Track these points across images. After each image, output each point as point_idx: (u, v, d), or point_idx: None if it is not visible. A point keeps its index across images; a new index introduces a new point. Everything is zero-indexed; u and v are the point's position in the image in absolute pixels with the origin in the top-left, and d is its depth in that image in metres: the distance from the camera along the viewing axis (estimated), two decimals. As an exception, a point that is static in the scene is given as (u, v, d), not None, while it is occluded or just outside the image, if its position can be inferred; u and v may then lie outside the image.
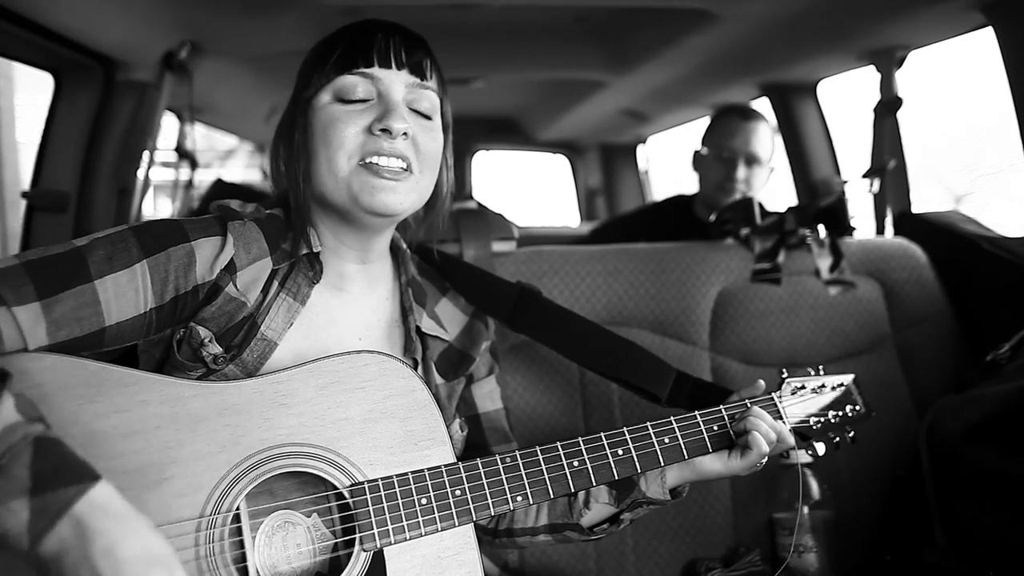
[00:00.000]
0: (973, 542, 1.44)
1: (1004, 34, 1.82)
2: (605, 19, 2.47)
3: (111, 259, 0.95)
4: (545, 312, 1.33)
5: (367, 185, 1.04)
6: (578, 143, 4.47)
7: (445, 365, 1.22)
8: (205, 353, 1.03)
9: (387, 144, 1.04)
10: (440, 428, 1.06)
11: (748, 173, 2.37)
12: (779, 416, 1.22)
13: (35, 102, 4.37)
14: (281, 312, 1.07)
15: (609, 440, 1.12)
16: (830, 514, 1.54)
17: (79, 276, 0.93)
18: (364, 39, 1.07)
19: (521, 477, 1.06)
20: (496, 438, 1.29)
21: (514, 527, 1.25)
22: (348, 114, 1.05)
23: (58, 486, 0.77)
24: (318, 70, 1.07)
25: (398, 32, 1.09)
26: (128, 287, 0.96)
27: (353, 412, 1.01)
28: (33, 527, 0.76)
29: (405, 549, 1.00)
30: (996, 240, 1.88)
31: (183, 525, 0.90)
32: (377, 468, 1.01)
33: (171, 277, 0.99)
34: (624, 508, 1.20)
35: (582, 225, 4.06)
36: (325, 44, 1.10)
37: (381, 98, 1.06)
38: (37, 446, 0.79)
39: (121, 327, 0.96)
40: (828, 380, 1.29)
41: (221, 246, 1.03)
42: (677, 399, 1.32)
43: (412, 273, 1.23)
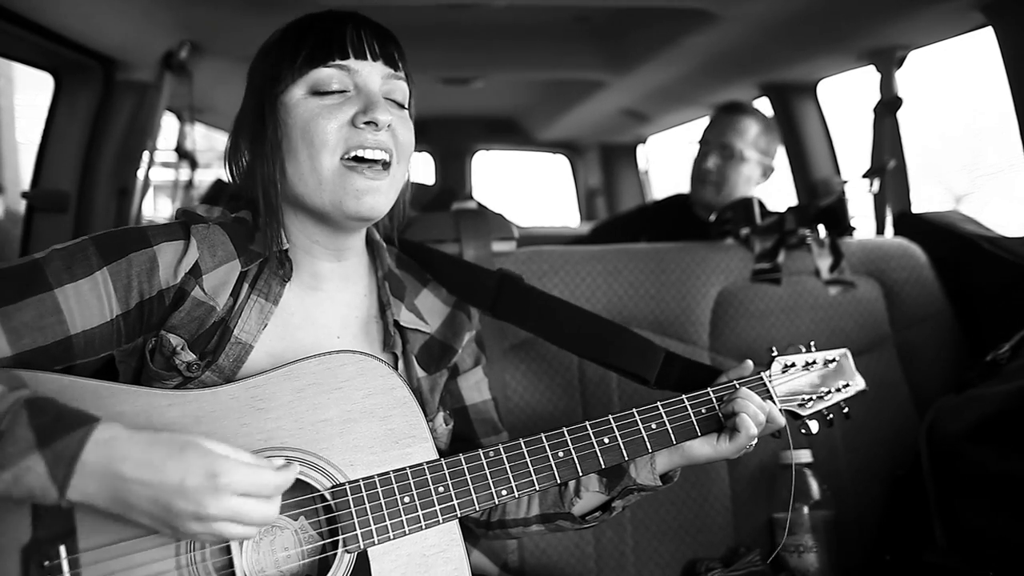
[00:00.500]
0: (973, 542, 1.44)
1: (1004, 34, 1.82)
2: (605, 19, 2.48)
3: (70, 268, 0.95)
4: (528, 298, 1.32)
5: (351, 188, 1.02)
6: (578, 143, 4.47)
7: (427, 358, 1.21)
8: (178, 361, 1.02)
9: (371, 136, 1.03)
10: (421, 425, 1.05)
11: (720, 164, 2.38)
12: (769, 396, 1.20)
13: (35, 102, 4.37)
14: (254, 314, 1.06)
15: (595, 428, 1.10)
16: (830, 514, 1.54)
17: (36, 285, 0.93)
18: (336, 30, 1.05)
19: (505, 471, 1.05)
20: (485, 429, 1.28)
21: (506, 519, 1.24)
22: (327, 108, 1.03)
23: (63, 433, 0.81)
24: (288, 63, 1.04)
25: (367, 23, 1.08)
26: (90, 295, 0.95)
27: (332, 413, 1.01)
28: (54, 476, 0.80)
29: (390, 549, 0.99)
30: (996, 240, 1.88)
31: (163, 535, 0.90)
32: (358, 468, 1.00)
33: (134, 283, 0.98)
34: (615, 495, 1.19)
35: (582, 225, 4.06)
36: (292, 37, 1.07)
37: (359, 90, 1.05)
38: (31, 406, 0.82)
39: (89, 335, 0.96)
40: (819, 356, 1.27)
41: (184, 249, 1.02)
42: (667, 380, 1.30)
43: (389, 266, 1.21)
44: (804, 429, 1.23)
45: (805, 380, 1.25)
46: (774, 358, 1.25)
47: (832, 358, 1.28)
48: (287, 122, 1.04)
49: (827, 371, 1.27)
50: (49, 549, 0.85)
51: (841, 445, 1.73)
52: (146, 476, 0.81)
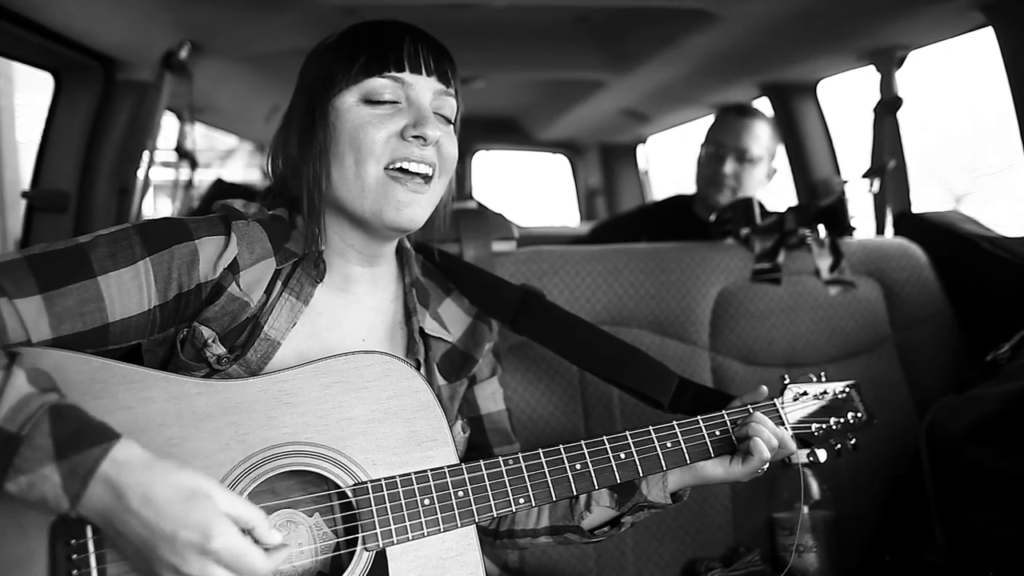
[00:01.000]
0: (973, 542, 1.44)
1: (1004, 34, 1.82)
2: (605, 19, 2.48)
3: (114, 256, 0.96)
4: (548, 315, 1.33)
5: (392, 199, 1.04)
6: (578, 143, 4.47)
7: (448, 366, 1.22)
8: (208, 354, 1.03)
9: (418, 151, 1.04)
10: (443, 429, 1.06)
11: (738, 169, 2.38)
12: (781, 421, 1.22)
13: (35, 102, 4.37)
14: (284, 312, 1.07)
15: (612, 443, 1.11)
16: (830, 514, 1.54)
17: (82, 271, 0.94)
18: (393, 42, 1.06)
19: (524, 479, 1.06)
20: (498, 439, 1.29)
21: (515, 528, 1.25)
22: (378, 118, 1.04)
23: (81, 448, 0.81)
24: (343, 69, 1.05)
25: (425, 38, 1.09)
26: (131, 284, 0.96)
27: (357, 412, 1.01)
28: (68, 489, 0.81)
29: (407, 549, 1.00)
30: (996, 240, 1.88)
31: None
32: (380, 468, 1.01)
33: (174, 275, 0.99)
34: (625, 511, 1.19)
35: (582, 225, 4.06)
36: (348, 43, 1.07)
37: (410, 103, 1.06)
38: (54, 414, 0.82)
39: (125, 324, 0.97)
40: (830, 387, 1.29)
41: (225, 245, 1.03)
42: (679, 405, 1.31)
43: (416, 274, 1.22)
44: (812, 457, 1.24)
45: (815, 409, 1.26)
46: (786, 386, 1.27)
47: (842, 389, 1.30)
48: (336, 126, 1.05)
49: (836, 401, 1.28)
50: (75, 528, 0.87)
51: (841, 445, 1.73)
52: (146, 513, 0.81)
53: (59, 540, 0.86)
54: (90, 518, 0.83)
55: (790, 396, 1.26)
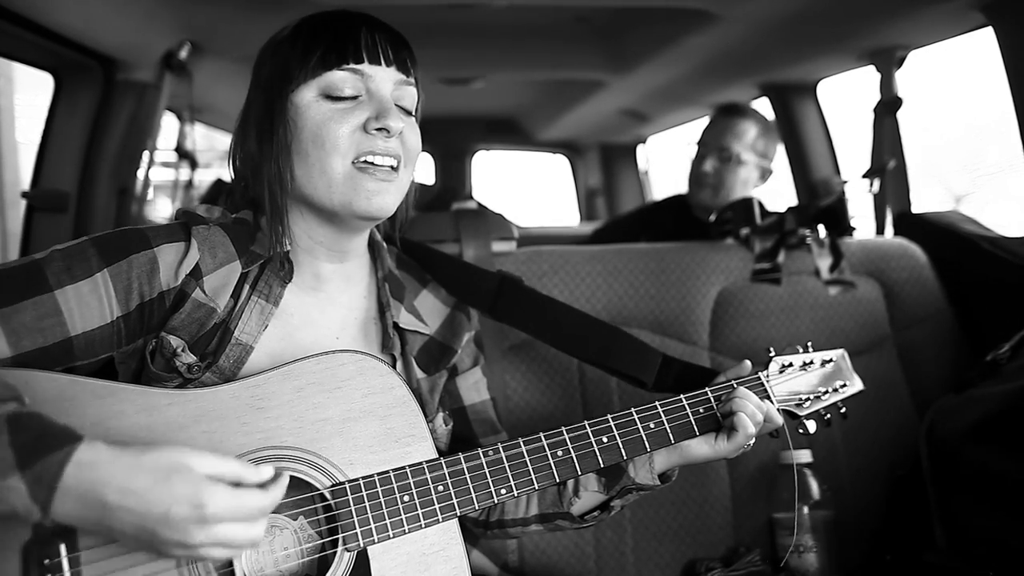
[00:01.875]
0: (973, 542, 1.44)
1: (1004, 34, 1.82)
2: (605, 19, 2.48)
3: (70, 269, 0.95)
4: (527, 300, 1.32)
5: (362, 189, 1.02)
6: (578, 143, 4.47)
7: (426, 359, 1.21)
8: (178, 363, 1.02)
9: (382, 143, 1.03)
10: (420, 424, 1.05)
11: (718, 166, 2.38)
12: (767, 395, 1.20)
13: (35, 102, 4.37)
14: (254, 315, 1.06)
15: (593, 428, 1.10)
16: (830, 514, 1.54)
17: (36, 286, 0.93)
18: (350, 33, 1.04)
19: (505, 470, 1.05)
20: (484, 429, 1.28)
21: (504, 518, 1.24)
22: (339, 112, 1.02)
23: (43, 454, 0.79)
24: (299, 63, 1.03)
25: (380, 26, 1.07)
26: (91, 296, 0.95)
27: (332, 412, 1.01)
28: (35, 497, 0.79)
29: (389, 548, 0.99)
30: (996, 240, 1.88)
31: None
32: (358, 467, 1.00)
33: (135, 284, 0.98)
34: (613, 495, 1.19)
35: (582, 225, 4.06)
36: (304, 36, 1.05)
37: (371, 96, 1.04)
38: (13, 423, 0.81)
39: (89, 337, 0.96)
40: (816, 356, 1.27)
41: (185, 251, 1.02)
42: (664, 383, 1.31)
43: (389, 267, 1.21)
44: (802, 429, 1.23)
45: (803, 380, 1.25)
46: (772, 358, 1.25)
47: (829, 358, 1.28)
48: (297, 123, 1.03)
49: (824, 371, 1.27)
50: (49, 547, 0.85)
51: (841, 445, 1.73)
52: (130, 504, 0.80)
53: (32, 560, 0.84)
54: (72, 522, 0.81)
55: (775, 368, 1.24)
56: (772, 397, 1.21)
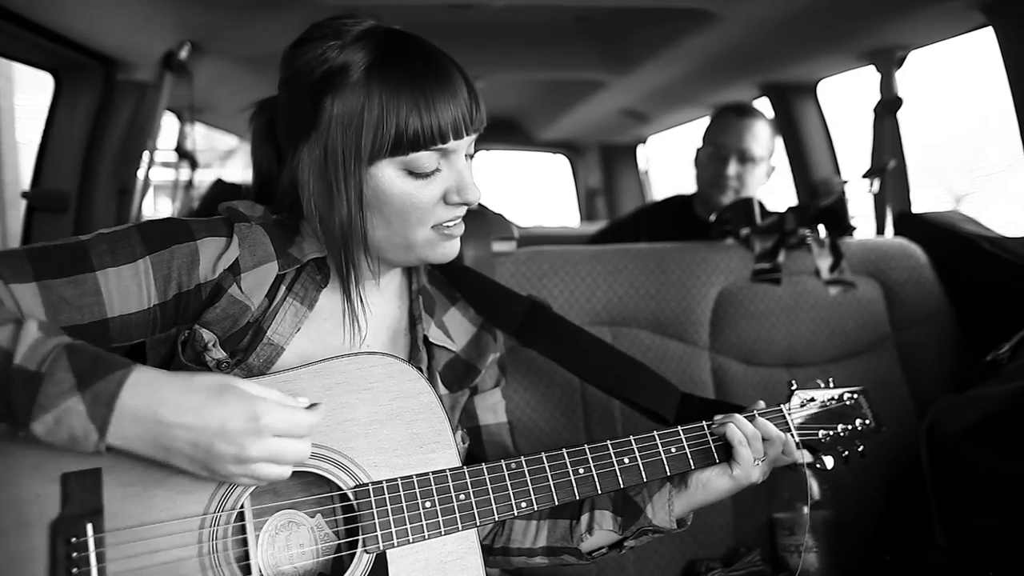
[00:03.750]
0: (973, 542, 1.44)
1: (1004, 34, 1.82)
2: (605, 19, 2.48)
3: (114, 252, 0.96)
4: (554, 328, 1.32)
5: (439, 247, 1.06)
6: (578, 143, 4.47)
7: (450, 376, 1.21)
8: (208, 358, 1.02)
9: (460, 210, 1.06)
10: (446, 432, 1.06)
11: (741, 170, 2.37)
12: (787, 427, 1.21)
13: (35, 102, 4.37)
14: (288, 317, 1.06)
15: (615, 448, 1.11)
16: (830, 514, 1.54)
17: (80, 265, 0.94)
18: (449, 112, 0.98)
19: (526, 483, 1.06)
20: (496, 452, 1.27)
21: (510, 546, 1.24)
22: (422, 188, 1.01)
23: (102, 374, 0.83)
24: (381, 135, 0.96)
25: (462, 88, 1.01)
26: (131, 281, 0.96)
27: (359, 413, 1.01)
28: (94, 417, 0.82)
29: (408, 552, 0.99)
30: (996, 240, 1.88)
31: (188, 521, 0.91)
32: (382, 470, 1.01)
33: (174, 274, 0.99)
34: (629, 535, 1.19)
35: (582, 225, 4.06)
36: (383, 98, 0.96)
37: (450, 165, 1.02)
38: (71, 350, 0.84)
39: (125, 321, 0.97)
40: (838, 392, 1.28)
41: (226, 246, 1.03)
42: (685, 419, 1.30)
43: (423, 282, 1.22)
44: (819, 464, 1.23)
45: (823, 416, 1.26)
46: (793, 392, 1.26)
47: (851, 395, 1.29)
48: (378, 196, 1.00)
49: (844, 408, 1.27)
50: (76, 526, 0.87)
51: (841, 445, 1.73)
52: (187, 420, 0.83)
53: (59, 538, 0.86)
54: (129, 447, 0.84)
55: (797, 402, 1.25)
56: (793, 430, 1.21)
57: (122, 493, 0.89)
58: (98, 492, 0.89)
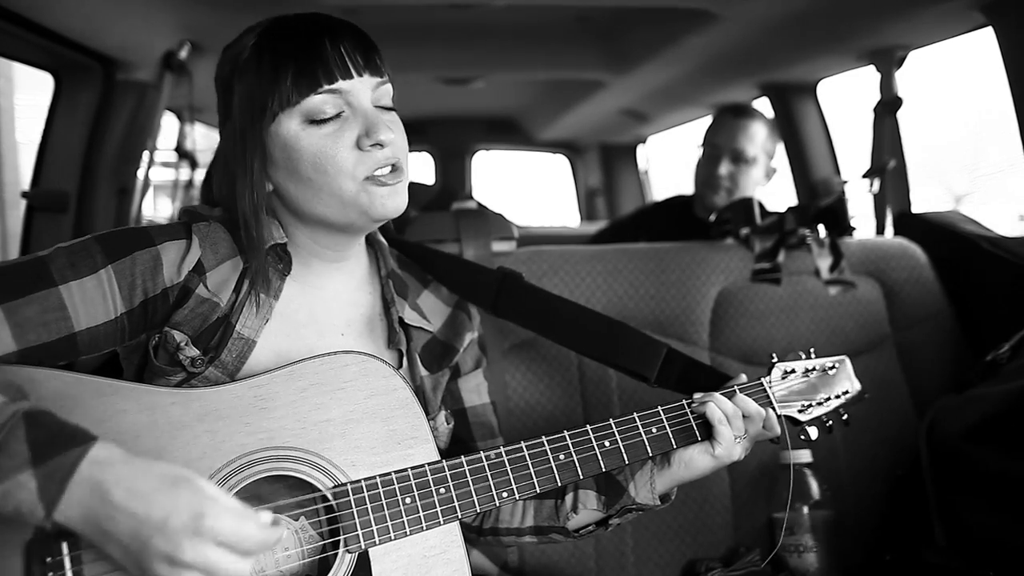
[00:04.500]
0: (973, 542, 1.44)
1: (1004, 34, 1.82)
2: (605, 19, 2.48)
3: (75, 265, 0.95)
4: (528, 296, 1.32)
5: (376, 198, 1.02)
6: (578, 143, 4.47)
7: (429, 357, 1.21)
8: (182, 356, 1.02)
9: (381, 155, 1.02)
10: (423, 426, 1.05)
11: (734, 170, 2.37)
12: (769, 401, 1.20)
13: (35, 102, 4.37)
14: (254, 309, 1.06)
15: (596, 432, 1.11)
16: (830, 514, 1.54)
17: (42, 281, 0.93)
18: (315, 49, 1.00)
19: (507, 473, 1.05)
20: (482, 433, 1.28)
21: (499, 526, 1.24)
22: (330, 137, 1.01)
23: (58, 451, 0.79)
24: (270, 92, 1.00)
25: (344, 33, 1.03)
26: (95, 292, 0.96)
27: (334, 413, 1.01)
28: (44, 495, 0.78)
29: (391, 549, 0.99)
30: (996, 240, 1.88)
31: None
32: (360, 469, 1.00)
33: (138, 281, 0.99)
34: (612, 513, 1.19)
35: (582, 225, 4.06)
36: (266, 58, 1.01)
37: (354, 111, 1.02)
38: (29, 419, 0.81)
39: (93, 333, 0.96)
40: (819, 362, 1.27)
41: (187, 248, 1.03)
42: (667, 379, 1.30)
43: (392, 266, 1.22)
44: (803, 435, 1.23)
45: (805, 386, 1.25)
46: (774, 364, 1.25)
47: (831, 364, 1.27)
48: (290, 156, 1.01)
49: (827, 377, 1.26)
50: (52, 545, 0.85)
51: (841, 445, 1.73)
52: (133, 506, 0.78)
53: (34, 559, 0.84)
54: (70, 525, 0.80)
55: (778, 374, 1.24)
56: (774, 403, 1.21)
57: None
58: None
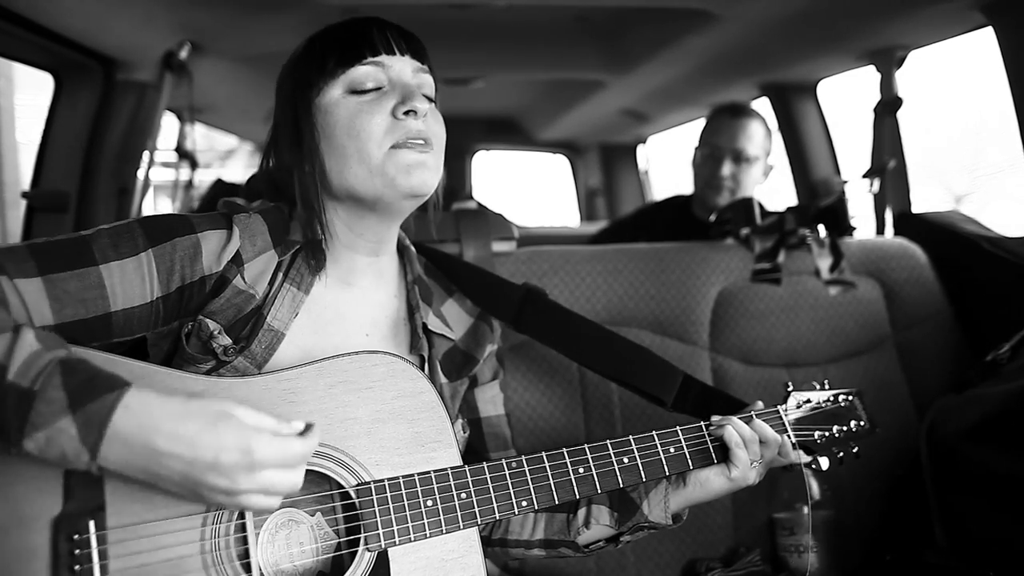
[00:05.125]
0: (973, 542, 1.44)
1: (1004, 34, 1.82)
2: (605, 19, 2.48)
3: (117, 247, 0.97)
4: (550, 314, 1.33)
5: (402, 165, 1.04)
6: (578, 143, 4.47)
7: (449, 365, 1.22)
8: (215, 344, 1.03)
9: (413, 125, 1.05)
10: (447, 431, 1.06)
11: (735, 170, 2.37)
12: (784, 428, 1.22)
13: (35, 102, 4.37)
14: (286, 302, 1.08)
15: (615, 448, 1.12)
16: (830, 514, 1.54)
17: (83, 259, 0.95)
18: (363, 31, 1.07)
19: (527, 482, 1.06)
20: (496, 444, 1.29)
21: (508, 538, 1.25)
22: (367, 104, 1.04)
23: (95, 396, 0.81)
24: (318, 68, 1.06)
25: (390, 23, 1.10)
26: (134, 275, 0.97)
27: (361, 412, 1.01)
28: (85, 439, 0.80)
29: (409, 551, 1.00)
30: (996, 240, 1.88)
31: (190, 519, 0.91)
32: (383, 469, 1.01)
33: (177, 267, 1.00)
34: (625, 531, 1.19)
35: (582, 225, 4.06)
36: (318, 43, 1.09)
37: (393, 84, 1.07)
38: (65, 367, 0.82)
39: (128, 314, 0.97)
40: (833, 394, 1.29)
41: (227, 238, 1.04)
42: (683, 404, 1.31)
43: (418, 272, 1.23)
44: (815, 466, 1.23)
45: (818, 416, 1.26)
46: (790, 393, 1.26)
47: (846, 396, 1.29)
48: (328, 122, 1.05)
49: (840, 409, 1.28)
50: (78, 523, 0.86)
51: (841, 445, 1.73)
52: (180, 450, 0.82)
53: (61, 535, 0.86)
54: (117, 469, 0.83)
55: (793, 403, 1.25)
56: (790, 431, 1.22)
57: (125, 490, 0.88)
58: (100, 489, 0.88)
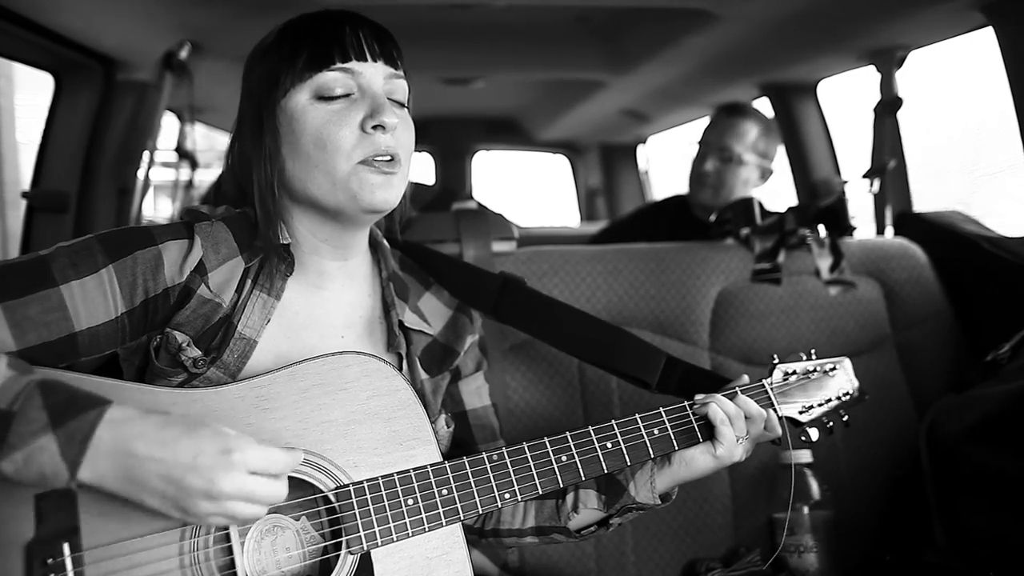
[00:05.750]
0: (973, 542, 1.44)
1: (1004, 34, 1.82)
2: (605, 19, 2.47)
3: (76, 265, 0.95)
4: (530, 301, 1.32)
5: (366, 183, 1.02)
6: (578, 143, 4.47)
7: (429, 360, 1.21)
8: (184, 357, 1.02)
9: (381, 140, 1.02)
10: (425, 427, 1.05)
11: (720, 167, 2.38)
12: (770, 402, 1.20)
13: (35, 102, 4.37)
14: (256, 309, 1.06)
15: (598, 434, 1.11)
16: (830, 514, 1.54)
17: (43, 281, 0.93)
18: (335, 32, 1.04)
19: (509, 474, 1.05)
20: (483, 435, 1.28)
21: (500, 528, 1.24)
22: (336, 114, 1.02)
23: (76, 414, 0.82)
24: (286, 67, 1.03)
25: (364, 22, 1.07)
26: (96, 292, 0.96)
27: (336, 414, 1.01)
28: (66, 455, 0.80)
29: (393, 551, 0.99)
30: (996, 240, 1.88)
31: (167, 534, 0.90)
32: (362, 470, 1.00)
33: (139, 280, 0.99)
34: (613, 513, 1.19)
35: (582, 225, 4.06)
36: (288, 39, 1.05)
37: (363, 92, 1.04)
38: (44, 388, 0.83)
39: (93, 333, 0.96)
40: (819, 363, 1.27)
41: (189, 248, 1.03)
42: (668, 385, 1.30)
43: (393, 268, 1.21)
44: (804, 436, 1.23)
45: (806, 387, 1.25)
46: (775, 365, 1.25)
47: (832, 366, 1.28)
48: (294, 129, 1.03)
49: (827, 378, 1.27)
50: (52, 546, 0.85)
51: (841, 445, 1.73)
52: (158, 453, 0.82)
53: (36, 560, 0.84)
54: (96, 483, 0.82)
55: (779, 376, 1.24)
56: (775, 404, 1.21)
57: (98, 509, 0.87)
58: (73, 510, 0.87)
